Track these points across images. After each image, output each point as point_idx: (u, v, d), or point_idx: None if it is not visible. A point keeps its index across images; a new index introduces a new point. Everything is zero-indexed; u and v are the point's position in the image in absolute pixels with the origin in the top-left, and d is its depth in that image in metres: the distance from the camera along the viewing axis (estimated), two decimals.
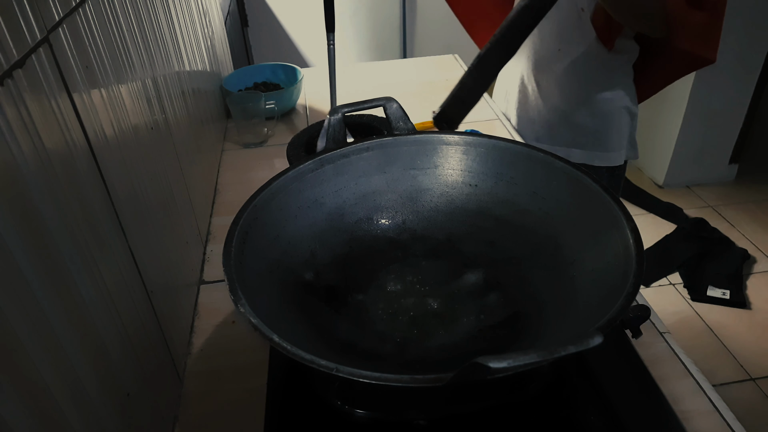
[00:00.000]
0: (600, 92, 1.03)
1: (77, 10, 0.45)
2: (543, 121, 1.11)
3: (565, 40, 1.01)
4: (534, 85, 1.10)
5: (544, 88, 1.08)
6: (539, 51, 1.06)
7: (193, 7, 0.95)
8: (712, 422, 0.57)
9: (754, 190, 2.36)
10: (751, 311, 1.81)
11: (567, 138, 1.08)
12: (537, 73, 1.09)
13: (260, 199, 0.58)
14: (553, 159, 0.62)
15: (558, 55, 1.02)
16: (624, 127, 1.08)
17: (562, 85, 1.04)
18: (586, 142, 1.08)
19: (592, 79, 1.02)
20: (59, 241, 0.37)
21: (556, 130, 1.10)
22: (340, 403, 0.53)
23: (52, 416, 0.34)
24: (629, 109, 1.07)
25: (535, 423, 0.56)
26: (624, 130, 1.08)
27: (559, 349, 0.36)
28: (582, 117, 1.06)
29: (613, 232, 0.53)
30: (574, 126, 1.07)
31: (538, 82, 1.09)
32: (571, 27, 0.99)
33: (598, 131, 1.07)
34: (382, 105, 0.72)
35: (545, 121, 1.11)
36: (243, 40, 2.15)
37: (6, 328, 0.30)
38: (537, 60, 1.07)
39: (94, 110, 0.46)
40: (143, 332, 0.52)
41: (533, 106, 1.12)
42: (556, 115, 1.09)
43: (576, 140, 1.08)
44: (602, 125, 1.06)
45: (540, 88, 1.09)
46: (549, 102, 1.08)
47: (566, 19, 0.99)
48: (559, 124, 1.09)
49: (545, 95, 1.09)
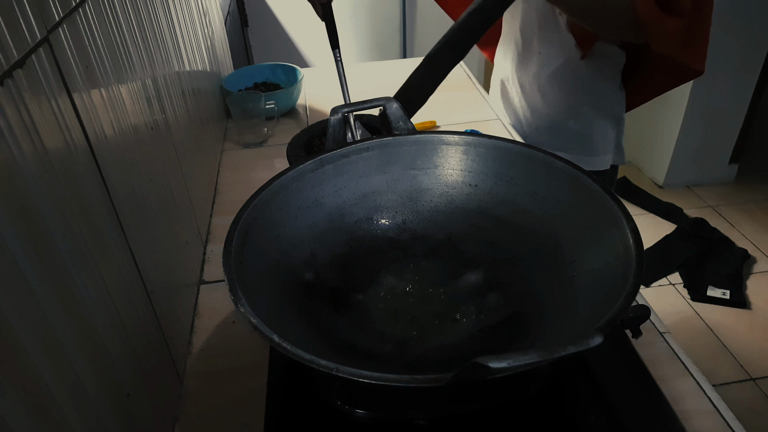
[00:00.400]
0: (583, 98, 1.01)
1: (77, 10, 0.45)
2: (528, 122, 1.11)
3: (545, 43, 0.99)
4: (518, 87, 1.10)
5: (527, 91, 1.08)
6: (522, 53, 1.05)
7: (193, 7, 0.95)
8: (712, 422, 0.57)
9: (754, 190, 2.36)
10: (751, 311, 1.81)
11: (552, 141, 1.07)
12: (520, 75, 1.08)
13: (260, 199, 0.58)
14: (553, 159, 0.62)
15: (539, 58, 1.01)
16: (609, 132, 1.06)
17: (544, 91, 1.04)
18: (570, 146, 1.06)
19: (574, 86, 1.01)
20: (59, 241, 0.37)
21: (542, 133, 1.09)
22: (340, 403, 0.53)
23: (52, 416, 0.34)
24: (615, 116, 1.05)
25: (535, 423, 0.56)
26: (609, 135, 1.06)
27: (559, 349, 0.36)
28: (566, 122, 1.04)
29: (613, 232, 0.53)
30: (558, 130, 1.06)
31: (521, 85, 1.09)
32: (550, 30, 0.97)
33: (583, 136, 1.05)
34: (382, 105, 0.72)
35: (530, 122, 1.10)
36: (243, 40, 2.15)
37: (6, 328, 0.30)
38: (519, 62, 1.07)
39: (94, 110, 0.46)
40: (143, 332, 0.52)
41: (518, 107, 1.12)
42: (540, 119, 1.08)
43: (561, 143, 1.06)
44: (587, 130, 1.05)
45: (524, 91, 1.09)
46: (533, 105, 1.08)
47: (545, 23, 0.98)
48: (544, 127, 1.08)
49: (529, 98, 1.08)
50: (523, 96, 1.09)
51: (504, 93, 1.17)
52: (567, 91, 1.02)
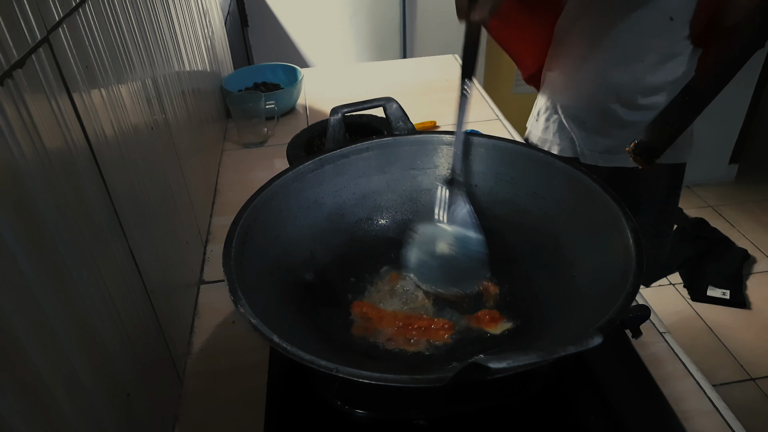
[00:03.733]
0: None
1: (77, 10, 0.45)
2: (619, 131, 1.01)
3: (650, 49, 0.90)
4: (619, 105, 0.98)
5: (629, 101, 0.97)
6: (620, 62, 0.94)
7: (193, 7, 0.95)
8: (712, 422, 0.57)
9: (754, 190, 2.36)
10: (751, 311, 1.81)
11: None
12: (624, 94, 0.96)
13: (260, 200, 0.58)
14: (553, 159, 0.62)
15: (641, 66, 0.92)
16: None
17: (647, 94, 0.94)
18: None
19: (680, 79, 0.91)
20: (59, 241, 0.37)
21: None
22: (340, 403, 0.53)
23: (52, 416, 0.34)
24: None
25: (535, 423, 0.56)
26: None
27: (559, 349, 0.36)
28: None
29: (613, 232, 0.53)
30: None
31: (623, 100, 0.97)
32: (659, 37, 0.90)
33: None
34: (382, 105, 0.72)
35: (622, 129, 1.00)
36: (243, 40, 2.15)
37: (5, 328, 0.30)
38: (622, 84, 0.95)
39: (94, 110, 0.46)
40: (143, 332, 0.52)
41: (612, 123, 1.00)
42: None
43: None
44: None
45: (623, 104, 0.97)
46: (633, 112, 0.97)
47: (655, 33, 0.89)
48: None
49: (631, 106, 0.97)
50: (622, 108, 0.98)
51: (598, 114, 1.01)
52: (671, 90, 0.92)
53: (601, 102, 0.99)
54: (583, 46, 0.97)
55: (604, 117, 1.00)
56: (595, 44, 0.95)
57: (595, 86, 0.98)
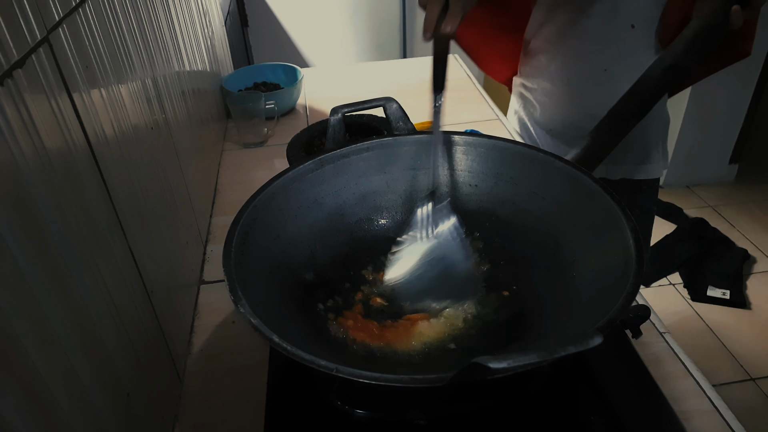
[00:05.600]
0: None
1: (77, 10, 0.45)
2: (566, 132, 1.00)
3: (614, 59, 0.89)
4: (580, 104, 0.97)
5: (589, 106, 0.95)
6: (584, 70, 0.93)
7: (193, 7, 0.95)
8: (712, 422, 0.57)
9: (754, 190, 2.36)
10: (751, 311, 1.81)
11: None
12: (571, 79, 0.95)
13: (260, 200, 0.58)
14: (553, 159, 0.62)
15: (605, 75, 0.91)
16: (660, 134, 0.99)
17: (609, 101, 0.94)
18: (623, 157, 0.97)
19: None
20: (59, 241, 0.37)
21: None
22: (340, 403, 0.53)
23: (52, 415, 0.34)
24: (662, 116, 0.98)
25: (535, 423, 0.56)
26: (660, 137, 0.99)
27: (559, 349, 0.36)
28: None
29: (613, 232, 0.53)
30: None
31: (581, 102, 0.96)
32: (622, 46, 0.88)
33: (636, 143, 0.97)
34: (382, 105, 0.72)
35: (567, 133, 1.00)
36: (243, 40, 2.15)
37: (5, 327, 0.30)
38: (580, 80, 0.94)
39: (94, 110, 0.46)
40: (143, 332, 0.52)
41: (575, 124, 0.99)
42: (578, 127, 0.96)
43: (612, 155, 0.95)
44: (638, 136, 0.95)
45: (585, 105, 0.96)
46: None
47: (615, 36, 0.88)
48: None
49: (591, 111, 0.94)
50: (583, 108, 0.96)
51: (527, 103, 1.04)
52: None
53: (566, 110, 0.97)
54: (548, 54, 0.95)
55: (570, 126, 0.98)
56: (558, 52, 0.93)
57: (561, 95, 0.97)
